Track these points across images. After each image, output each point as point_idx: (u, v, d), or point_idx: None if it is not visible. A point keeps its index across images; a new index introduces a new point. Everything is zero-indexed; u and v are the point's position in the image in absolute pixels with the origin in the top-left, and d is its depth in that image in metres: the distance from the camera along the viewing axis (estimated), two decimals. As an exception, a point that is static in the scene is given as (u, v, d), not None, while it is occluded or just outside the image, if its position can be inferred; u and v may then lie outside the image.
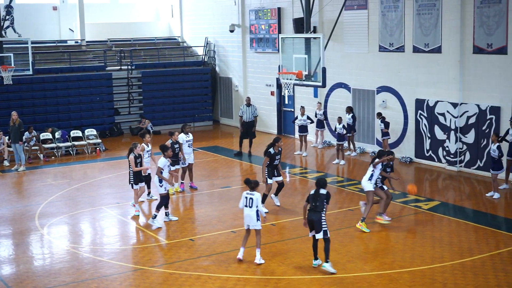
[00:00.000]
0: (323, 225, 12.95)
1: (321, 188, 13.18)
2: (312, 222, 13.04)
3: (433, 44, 22.28)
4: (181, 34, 37.48)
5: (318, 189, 13.17)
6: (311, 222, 13.06)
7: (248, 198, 13.67)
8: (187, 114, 33.11)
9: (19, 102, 28.85)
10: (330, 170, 22.56)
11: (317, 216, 12.94)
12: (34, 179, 22.13)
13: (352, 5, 25.17)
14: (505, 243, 14.67)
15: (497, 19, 20.16)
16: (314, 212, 13.00)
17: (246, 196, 13.71)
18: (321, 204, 12.98)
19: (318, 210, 12.96)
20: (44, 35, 34.85)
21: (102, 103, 31.17)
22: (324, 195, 13.07)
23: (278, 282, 12.55)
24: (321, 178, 13.55)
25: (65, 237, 15.88)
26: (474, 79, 21.17)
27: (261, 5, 30.24)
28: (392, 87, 24.04)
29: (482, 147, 20.95)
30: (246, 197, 13.70)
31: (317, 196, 13.08)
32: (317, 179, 13.41)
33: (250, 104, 25.53)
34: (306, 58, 20.50)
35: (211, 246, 14.77)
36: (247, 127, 25.34)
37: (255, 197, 13.62)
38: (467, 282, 12.38)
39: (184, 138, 19.52)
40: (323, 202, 12.99)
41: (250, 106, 25.44)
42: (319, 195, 13.08)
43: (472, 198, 18.60)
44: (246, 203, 13.67)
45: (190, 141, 19.78)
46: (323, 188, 13.19)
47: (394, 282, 12.45)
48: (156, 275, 13.11)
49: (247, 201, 13.66)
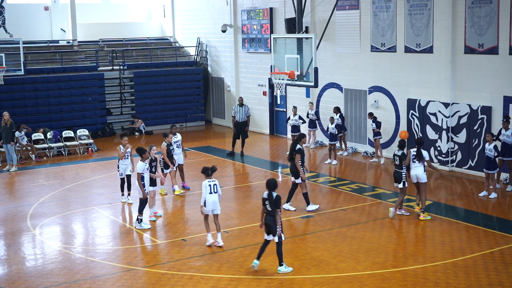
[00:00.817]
0: (278, 228, 12.89)
1: (272, 190, 13.00)
2: (268, 226, 13.00)
3: (425, 44, 22.35)
4: (173, 34, 37.47)
5: (270, 192, 12.97)
6: (268, 225, 13.01)
7: (212, 185, 14.32)
8: (179, 114, 33.11)
9: (11, 102, 28.76)
10: (323, 170, 22.59)
11: (272, 220, 12.89)
12: (26, 179, 22.08)
13: (344, 5, 25.22)
14: (496, 242, 14.73)
15: (488, 19, 20.24)
16: (270, 216, 12.95)
17: (209, 183, 14.32)
18: (273, 208, 12.88)
19: (272, 214, 12.91)
20: (36, 35, 34.79)
21: (94, 103, 31.12)
22: (276, 197, 12.92)
23: (270, 282, 12.57)
24: (271, 180, 13.14)
25: (57, 238, 15.84)
26: (465, 79, 21.25)
27: (253, 5, 30.26)
28: (384, 87, 24.10)
29: (473, 147, 21.03)
30: (210, 185, 14.32)
31: (271, 199, 12.93)
32: (267, 181, 13.12)
33: (243, 104, 25.37)
34: (298, 58, 20.54)
35: (203, 246, 14.77)
36: (240, 127, 25.22)
37: (217, 182, 14.42)
38: (459, 281, 12.43)
39: (172, 139, 19.46)
40: (275, 205, 12.87)
41: (243, 106, 25.27)
42: (268, 198, 12.96)
43: (463, 197, 18.67)
44: (210, 190, 14.26)
45: (178, 142, 19.75)
46: (274, 191, 13.00)
47: (387, 282, 12.48)
48: (148, 276, 13.10)
49: (211, 188, 14.28)
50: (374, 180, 21.22)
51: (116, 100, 32.16)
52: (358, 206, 17.92)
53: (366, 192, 19.30)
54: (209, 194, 14.35)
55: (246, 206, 18.17)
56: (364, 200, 18.53)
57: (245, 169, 23.10)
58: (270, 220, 12.91)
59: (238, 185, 20.76)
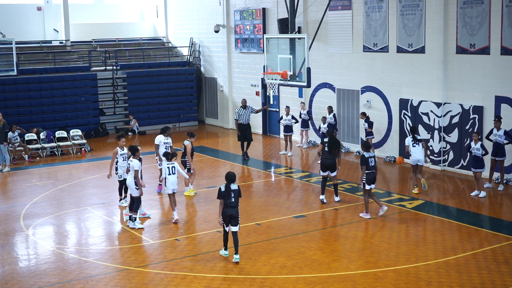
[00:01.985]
0: (238, 219, 13.62)
1: (231, 183, 13.55)
2: (231, 217, 13.47)
3: (417, 44, 22.43)
4: (166, 35, 37.47)
5: (228, 185, 13.52)
6: (229, 217, 13.47)
7: (170, 167, 16.53)
8: (172, 115, 33.12)
9: (3, 102, 28.69)
10: (315, 169, 22.63)
11: (235, 211, 13.51)
12: (19, 179, 22.05)
13: (336, 5, 25.28)
14: (488, 241, 14.81)
15: (480, 19, 20.33)
16: (231, 208, 13.46)
17: (168, 166, 16.54)
18: (236, 200, 13.51)
19: (233, 206, 13.48)
20: (29, 35, 34.74)
21: (87, 104, 31.08)
22: (236, 190, 13.56)
23: (263, 282, 12.61)
24: (230, 173, 13.70)
25: (51, 238, 15.84)
26: (457, 79, 21.34)
27: (245, 6, 30.29)
28: (376, 87, 24.17)
29: (465, 147, 21.11)
30: (168, 167, 16.54)
31: (229, 191, 13.47)
32: (227, 174, 13.65)
33: (247, 106, 24.71)
34: (291, 58, 20.58)
35: (196, 246, 14.81)
36: (245, 130, 24.44)
37: (175, 165, 16.62)
38: (451, 280, 12.49)
39: (162, 140, 19.30)
40: (237, 197, 13.53)
41: (246, 108, 24.60)
42: (232, 190, 13.51)
43: (455, 197, 18.75)
44: (169, 171, 16.49)
45: (168, 143, 19.48)
46: (233, 183, 13.57)
47: (379, 281, 12.54)
48: (141, 275, 13.12)
49: (170, 170, 16.51)
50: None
51: (109, 100, 32.13)
52: (350, 205, 17.98)
53: (358, 192, 19.35)
54: (169, 175, 16.54)
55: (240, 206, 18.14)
56: (357, 199, 18.58)
57: (238, 169, 23.12)
58: (235, 211, 13.51)
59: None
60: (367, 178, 16.55)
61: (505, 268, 13.07)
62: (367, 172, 16.52)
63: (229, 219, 13.54)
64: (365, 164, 16.45)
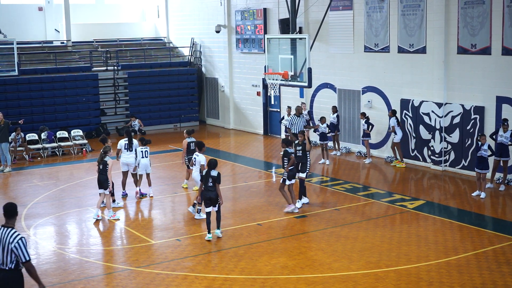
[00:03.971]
0: (219, 200, 14.94)
1: (212, 169, 14.81)
2: (210, 199, 14.88)
3: (418, 44, 22.43)
4: (167, 35, 37.48)
5: (209, 171, 14.84)
6: (209, 199, 14.90)
7: (144, 151, 18.89)
8: (173, 115, 33.14)
9: (4, 102, 28.68)
10: (316, 170, 22.63)
11: (214, 194, 14.85)
12: (20, 180, 22.06)
13: (337, 5, 25.28)
14: (489, 241, 14.80)
15: (481, 19, 20.33)
16: (209, 191, 14.86)
17: (142, 150, 18.87)
18: (213, 185, 14.80)
19: (211, 190, 14.83)
20: (30, 35, 34.77)
21: (88, 104, 31.08)
22: (215, 176, 14.79)
23: (264, 282, 12.61)
24: (212, 160, 15.03)
25: (52, 238, 15.84)
26: (458, 79, 21.34)
27: (247, 6, 30.30)
28: (377, 87, 24.17)
29: (466, 147, 21.11)
30: (142, 151, 18.88)
31: (208, 177, 14.79)
32: (208, 161, 15.06)
33: (301, 114, 22.40)
34: (292, 58, 20.58)
35: (197, 246, 14.81)
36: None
37: (148, 149, 18.99)
38: (452, 280, 12.49)
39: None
40: (215, 183, 14.79)
41: (300, 116, 22.17)
42: (211, 176, 14.77)
43: (456, 197, 18.75)
44: (143, 155, 18.85)
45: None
46: (214, 170, 14.82)
47: (380, 281, 12.53)
48: (142, 275, 13.12)
49: (143, 154, 18.88)
50: (368, 180, 21.29)
51: (110, 100, 32.15)
52: (351, 206, 17.98)
53: (359, 192, 19.36)
54: (142, 158, 18.84)
55: (240, 206, 18.21)
56: (357, 199, 18.59)
57: (239, 169, 23.13)
58: (213, 194, 14.83)
59: (232, 185, 20.80)
60: (289, 173, 17.11)
61: (506, 268, 13.07)
62: (290, 168, 17.09)
63: (208, 201, 14.92)
64: (288, 157, 17.11)
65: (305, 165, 17.59)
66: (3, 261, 9.23)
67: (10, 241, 9.16)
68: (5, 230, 9.29)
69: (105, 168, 16.88)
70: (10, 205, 9.43)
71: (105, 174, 16.89)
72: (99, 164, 17.02)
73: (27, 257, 9.21)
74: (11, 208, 9.39)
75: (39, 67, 31.39)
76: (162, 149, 25.90)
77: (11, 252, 9.18)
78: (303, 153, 17.56)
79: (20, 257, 9.19)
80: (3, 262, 9.24)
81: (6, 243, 9.18)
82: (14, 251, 9.16)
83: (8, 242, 9.17)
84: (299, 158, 17.52)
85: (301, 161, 17.53)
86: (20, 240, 9.18)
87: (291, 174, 17.17)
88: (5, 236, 9.22)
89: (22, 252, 9.17)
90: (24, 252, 9.18)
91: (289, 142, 17.52)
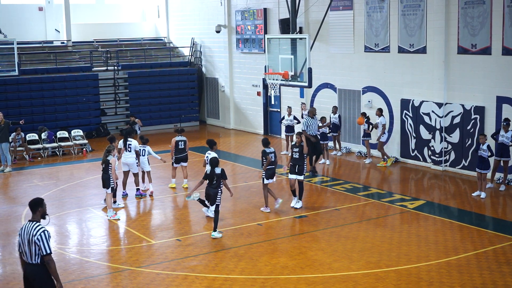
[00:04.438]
0: (217, 199, 15.05)
1: (215, 167, 15.07)
2: (209, 196, 15.13)
3: (418, 44, 22.43)
4: (167, 35, 37.49)
5: (212, 169, 15.07)
6: (208, 195, 15.18)
7: (141, 150, 19.13)
8: (174, 115, 33.14)
9: (5, 102, 28.69)
10: (317, 170, 22.62)
11: (214, 191, 15.06)
12: (20, 180, 22.06)
13: (337, 5, 25.28)
14: (490, 241, 14.80)
15: (481, 19, 20.33)
16: (212, 189, 15.10)
17: (140, 148, 19.02)
18: (218, 182, 15.07)
19: (214, 187, 15.07)
20: (30, 35, 34.78)
21: (89, 104, 31.09)
22: (219, 174, 15.06)
23: (265, 282, 12.61)
24: (214, 158, 15.33)
25: (52, 238, 15.74)
26: (458, 79, 21.34)
27: (247, 6, 30.30)
28: (378, 87, 24.17)
29: (467, 147, 21.11)
30: (140, 149, 19.05)
31: (213, 175, 15.03)
32: (210, 160, 15.29)
33: (315, 115, 22.44)
34: (292, 58, 20.58)
35: (198, 246, 14.81)
36: (313, 142, 21.86)
37: (146, 148, 19.29)
38: (452, 280, 12.49)
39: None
40: (219, 180, 15.08)
41: (314, 118, 22.24)
42: (215, 174, 15.03)
43: (457, 197, 18.75)
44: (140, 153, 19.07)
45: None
46: (217, 167, 15.08)
47: (381, 281, 12.54)
48: (143, 276, 13.12)
49: (141, 152, 19.10)
50: (368, 180, 21.29)
51: (110, 100, 32.15)
52: (352, 206, 17.99)
53: (360, 192, 19.36)
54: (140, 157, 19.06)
55: (240, 206, 18.21)
56: (358, 200, 18.59)
57: (239, 169, 23.14)
58: (213, 192, 15.07)
59: (232, 185, 20.79)
60: (267, 173, 17.22)
61: (506, 268, 13.07)
62: (268, 167, 17.18)
63: (207, 196, 15.24)
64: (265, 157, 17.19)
65: (303, 167, 17.42)
66: (30, 256, 9.42)
67: (34, 234, 9.35)
68: (30, 224, 9.52)
69: (107, 167, 16.91)
70: (33, 200, 9.69)
71: (107, 173, 16.93)
72: (102, 163, 17.08)
73: (48, 250, 9.38)
74: (34, 203, 9.62)
75: (39, 67, 31.39)
76: (162, 149, 25.88)
77: (34, 245, 9.35)
78: (300, 155, 17.39)
79: (41, 250, 9.35)
80: (30, 257, 9.43)
81: (30, 236, 9.38)
82: (36, 243, 9.33)
83: (32, 235, 9.36)
84: (295, 160, 17.40)
85: (297, 164, 17.37)
86: (42, 232, 9.38)
87: (269, 174, 17.25)
88: (29, 230, 9.43)
89: (43, 245, 9.33)
90: (46, 244, 9.35)
91: (267, 142, 17.52)
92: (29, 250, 9.38)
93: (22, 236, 9.47)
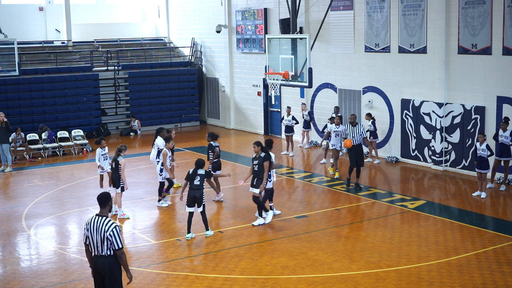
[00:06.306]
0: (203, 201, 15.02)
1: (199, 168, 15.06)
2: (195, 199, 14.94)
3: (419, 44, 22.43)
4: (168, 35, 37.49)
5: (196, 170, 15.05)
6: (194, 198, 14.95)
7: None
8: (174, 115, 33.16)
9: (5, 102, 28.70)
10: (317, 170, 22.64)
11: (199, 193, 14.95)
12: (21, 180, 22.07)
13: (338, 5, 25.28)
14: (490, 241, 14.80)
15: (482, 19, 20.33)
16: (196, 190, 14.95)
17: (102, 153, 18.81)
18: (201, 183, 15.00)
19: (198, 188, 14.95)
20: (30, 35, 34.80)
21: (89, 104, 31.10)
22: (202, 175, 15.06)
23: (265, 282, 12.61)
24: (199, 160, 15.23)
25: (52, 238, 15.85)
26: (459, 79, 21.34)
27: (247, 6, 30.30)
28: (378, 87, 24.17)
29: (467, 147, 21.12)
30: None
31: (195, 175, 14.96)
32: (196, 160, 15.21)
33: (357, 123, 20.07)
34: (292, 58, 20.59)
35: (198, 246, 14.81)
36: (355, 152, 19.74)
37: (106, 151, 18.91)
38: (453, 280, 12.49)
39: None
40: (202, 181, 15.03)
41: (356, 126, 19.89)
42: (198, 175, 14.98)
43: (457, 197, 18.74)
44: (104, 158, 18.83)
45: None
46: (201, 169, 15.08)
47: (381, 281, 12.53)
48: (143, 276, 13.12)
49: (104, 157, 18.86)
50: (369, 180, 21.27)
51: (110, 100, 32.16)
52: (352, 206, 17.99)
53: (360, 192, 19.35)
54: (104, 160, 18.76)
55: (241, 206, 18.21)
56: (358, 200, 18.59)
57: (239, 169, 23.13)
58: (199, 193, 14.94)
59: (232, 185, 20.78)
60: (213, 166, 18.19)
61: (507, 268, 13.07)
62: (215, 160, 18.22)
63: (192, 200, 14.96)
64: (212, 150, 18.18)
65: (260, 180, 16.03)
66: (101, 248, 9.73)
67: (106, 229, 9.65)
68: (100, 218, 9.79)
69: (117, 167, 16.90)
70: (102, 194, 9.97)
71: (117, 173, 16.90)
72: (112, 162, 17.07)
73: (120, 245, 9.73)
74: (102, 198, 9.89)
75: (39, 67, 31.40)
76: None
77: (106, 240, 9.67)
78: (259, 168, 16.04)
79: (114, 245, 9.69)
80: (101, 249, 9.71)
81: (101, 231, 9.66)
82: (109, 238, 9.65)
83: (104, 231, 9.65)
84: (255, 172, 16.16)
85: (256, 176, 16.11)
86: (114, 228, 9.69)
87: (215, 166, 18.26)
88: (100, 225, 9.71)
89: (116, 240, 9.67)
90: (118, 240, 9.69)
91: (214, 136, 18.61)
92: (101, 244, 9.69)
93: (91, 230, 9.74)
